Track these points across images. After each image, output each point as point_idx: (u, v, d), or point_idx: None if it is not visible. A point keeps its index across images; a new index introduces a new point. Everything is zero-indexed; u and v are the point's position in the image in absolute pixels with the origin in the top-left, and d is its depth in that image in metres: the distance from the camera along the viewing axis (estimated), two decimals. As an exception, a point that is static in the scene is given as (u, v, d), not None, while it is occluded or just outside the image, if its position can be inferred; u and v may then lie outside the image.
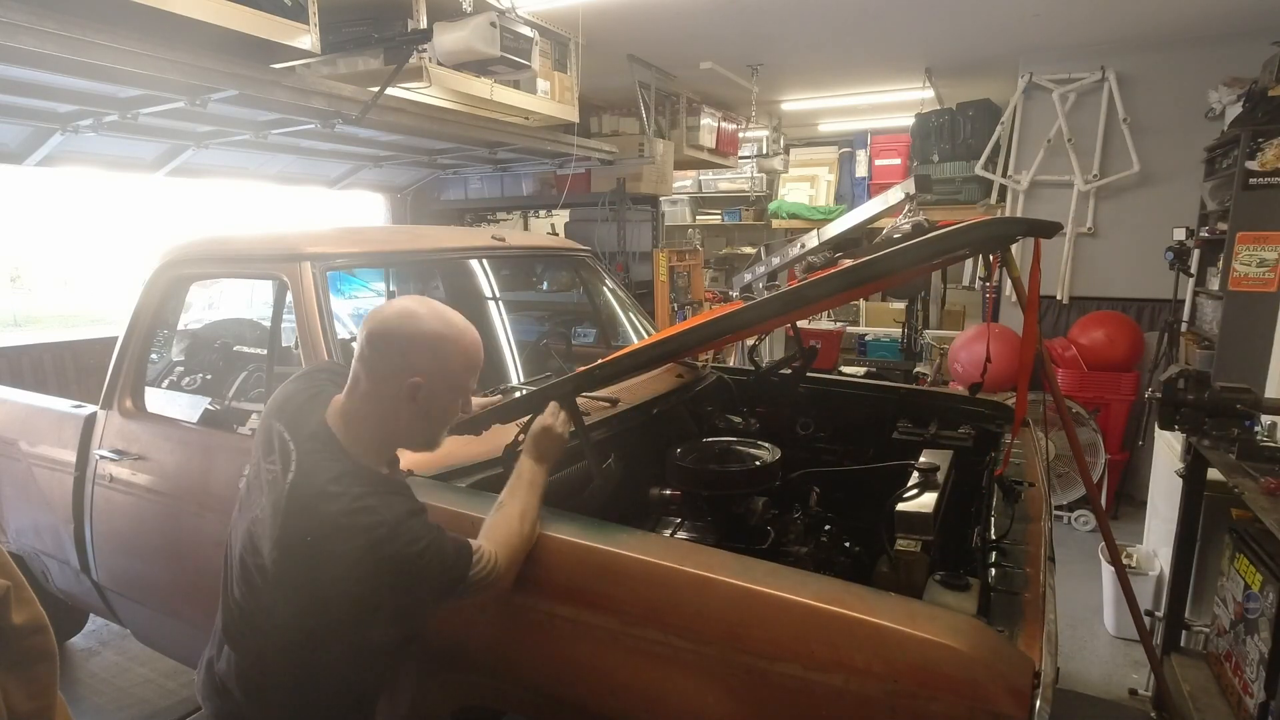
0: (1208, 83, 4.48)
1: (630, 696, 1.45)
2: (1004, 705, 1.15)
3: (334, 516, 1.29)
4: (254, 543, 1.38)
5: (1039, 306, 5.37)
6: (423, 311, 1.40)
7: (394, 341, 1.37)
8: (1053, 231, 1.58)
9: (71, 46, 2.31)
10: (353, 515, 1.29)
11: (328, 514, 1.29)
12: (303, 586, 1.33)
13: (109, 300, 10.43)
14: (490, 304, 3.07)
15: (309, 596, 1.33)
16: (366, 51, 3.13)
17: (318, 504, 1.31)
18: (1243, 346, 3.59)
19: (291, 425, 1.41)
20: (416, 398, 1.37)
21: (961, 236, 1.53)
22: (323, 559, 1.29)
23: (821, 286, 1.61)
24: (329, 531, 1.29)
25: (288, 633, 1.38)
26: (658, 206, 5.92)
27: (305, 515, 1.31)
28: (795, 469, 2.20)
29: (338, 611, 1.34)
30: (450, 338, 1.40)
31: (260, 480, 1.40)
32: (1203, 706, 2.36)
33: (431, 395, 1.39)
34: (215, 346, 3.04)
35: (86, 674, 3.18)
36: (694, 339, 1.83)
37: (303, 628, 1.37)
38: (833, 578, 1.41)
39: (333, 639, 1.38)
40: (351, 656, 1.42)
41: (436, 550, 1.33)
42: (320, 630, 1.37)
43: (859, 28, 4.47)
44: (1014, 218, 1.40)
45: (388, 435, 1.42)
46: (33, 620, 1.04)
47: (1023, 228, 1.62)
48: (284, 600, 1.36)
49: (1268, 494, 1.97)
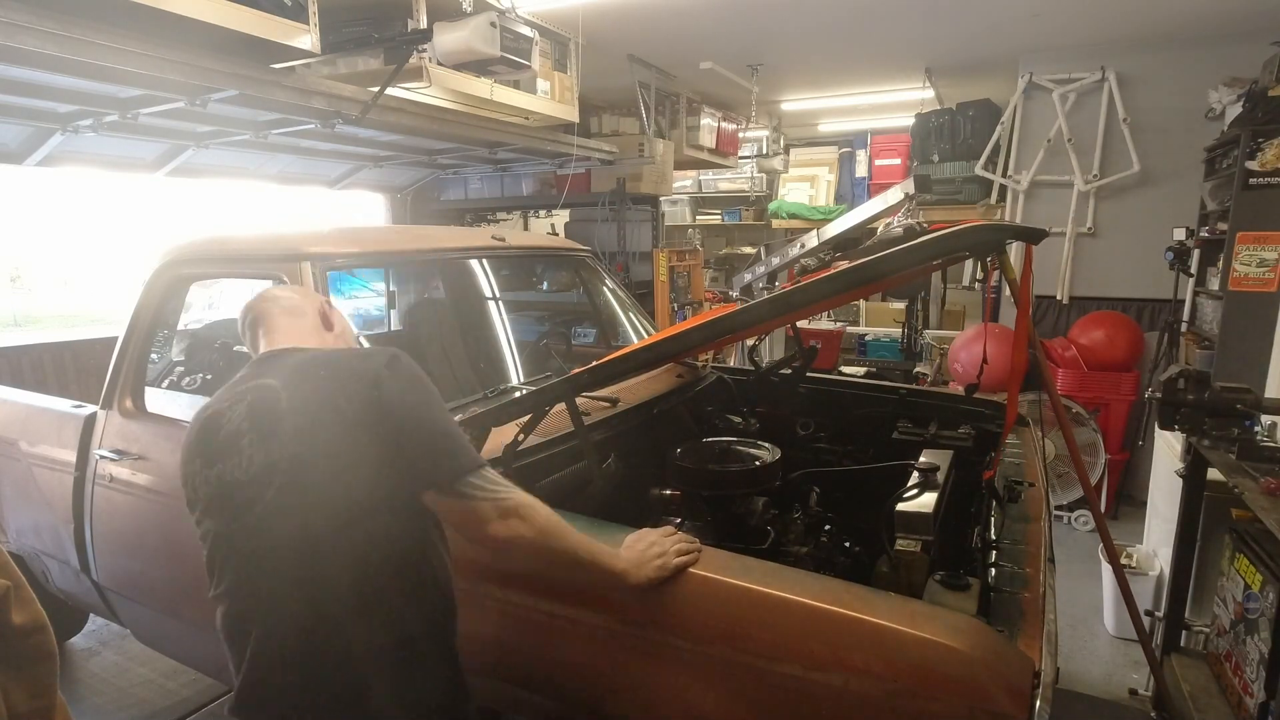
0: (1208, 83, 4.48)
1: (630, 696, 1.45)
2: (1004, 705, 1.15)
3: (340, 355, 1.36)
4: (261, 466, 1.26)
5: (1037, 307, 5.37)
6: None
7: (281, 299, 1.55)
8: (1039, 238, 1.59)
9: (71, 46, 2.31)
10: (360, 350, 1.36)
11: (332, 356, 1.35)
12: (329, 453, 1.23)
13: (109, 300, 10.43)
14: (490, 304, 3.06)
15: (340, 457, 1.23)
16: (366, 51, 3.13)
17: (320, 361, 1.34)
18: (1243, 346, 3.58)
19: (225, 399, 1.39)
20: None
21: (950, 242, 1.54)
22: (344, 394, 1.25)
23: (812, 291, 1.61)
24: (341, 360, 1.33)
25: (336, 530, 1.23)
26: (658, 206, 5.92)
27: (309, 374, 1.31)
28: (795, 469, 2.20)
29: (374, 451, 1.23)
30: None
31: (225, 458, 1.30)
32: (1203, 706, 2.35)
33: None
34: (215, 346, 3.03)
35: (86, 674, 3.18)
36: (693, 340, 1.83)
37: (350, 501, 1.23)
38: (833, 578, 1.41)
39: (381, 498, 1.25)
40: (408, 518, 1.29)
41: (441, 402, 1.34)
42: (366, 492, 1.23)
43: (859, 28, 4.47)
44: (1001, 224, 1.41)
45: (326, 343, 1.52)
46: (33, 620, 1.04)
47: (1009, 234, 1.63)
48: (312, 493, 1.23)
49: (1268, 494, 1.97)
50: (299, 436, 1.25)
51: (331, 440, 1.24)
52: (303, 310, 1.51)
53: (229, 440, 1.30)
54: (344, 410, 1.24)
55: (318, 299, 1.57)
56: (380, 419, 1.24)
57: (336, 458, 1.24)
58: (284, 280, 2.14)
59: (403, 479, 1.26)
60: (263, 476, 1.26)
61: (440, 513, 1.31)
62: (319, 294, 1.56)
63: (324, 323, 1.54)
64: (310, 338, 1.48)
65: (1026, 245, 1.61)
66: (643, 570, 1.37)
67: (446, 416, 1.31)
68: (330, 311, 1.57)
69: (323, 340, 1.50)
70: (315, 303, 1.55)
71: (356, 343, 1.57)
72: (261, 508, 1.26)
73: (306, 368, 1.33)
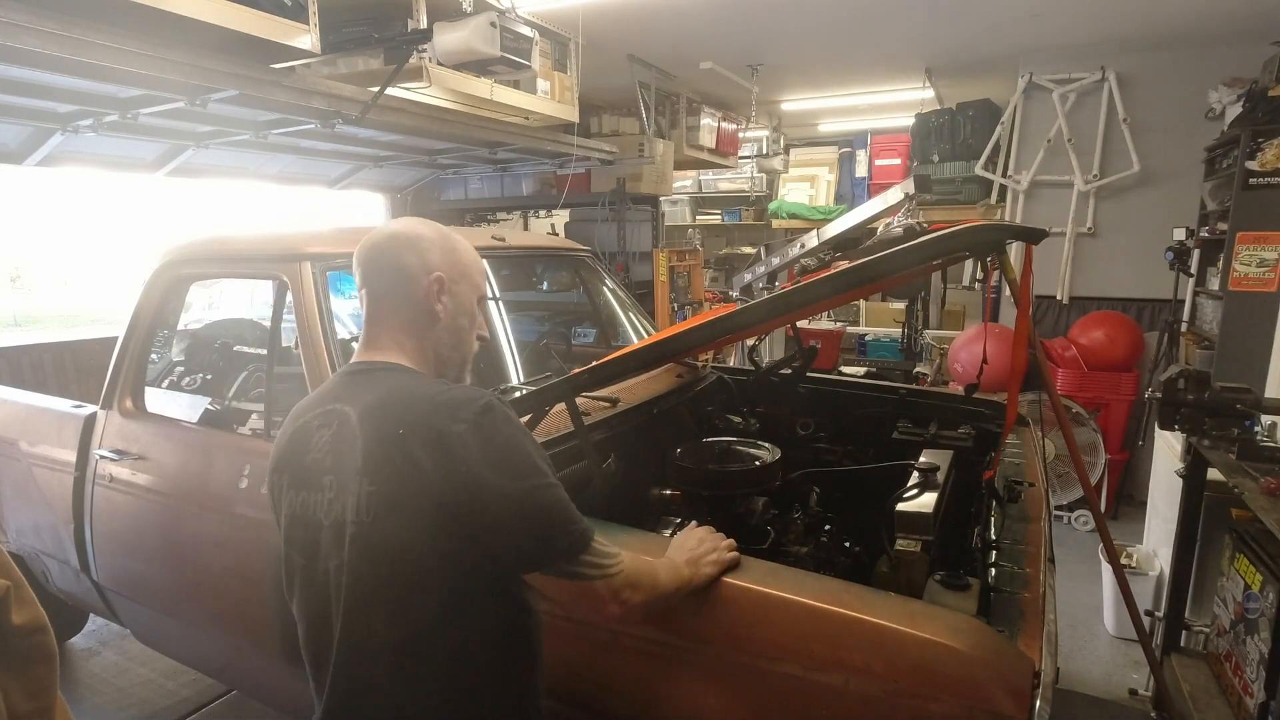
0: (1208, 83, 4.48)
1: (630, 696, 1.45)
2: (1004, 705, 1.15)
3: (427, 397, 1.14)
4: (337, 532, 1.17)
5: (1037, 308, 5.37)
6: (412, 220, 1.34)
7: (401, 248, 1.27)
8: (1039, 238, 1.59)
9: (71, 46, 2.31)
10: (447, 392, 1.14)
11: (418, 398, 1.15)
12: (405, 501, 1.10)
13: (109, 300, 10.43)
14: (490, 304, 3.06)
15: (415, 509, 1.10)
16: (366, 51, 3.13)
17: (400, 401, 1.16)
18: (1243, 346, 3.58)
19: (315, 407, 1.27)
20: (441, 298, 1.28)
21: (950, 242, 1.54)
22: (422, 446, 1.09)
23: (811, 291, 1.62)
24: (424, 411, 1.12)
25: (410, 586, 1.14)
26: (658, 206, 5.92)
27: (387, 416, 1.14)
28: (795, 469, 2.20)
29: (453, 513, 1.10)
30: (447, 233, 1.33)
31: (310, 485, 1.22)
32: (1203, 706, 2.35)
33: (454, 294, 1.30)
34: (215, 346, 3.04)
35: (86, 674, 3.18)
36: (692, 340, 1.83)
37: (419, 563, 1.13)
38: (833, 578, 1.41)
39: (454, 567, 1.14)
40: (486, 590, 1.17)
41: (545, 463, 1.16)
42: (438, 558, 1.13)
43: (859, 28, 4.47)
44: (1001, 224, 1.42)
45: (426, 358, 1.30)
46: (33, 620, 1.04)
47: (1009, 234, 1.63)
48: (393, 537, 1.12)
49: (1268, 494, 1.97)
50: (374, 504, 1.12)
51: (413, 521, 1.11)
52: (408, 299, 1.28)
53: (314, 470, 1.21)
54: (431, 484, 1.09)
55: (429, 275, 1.28)
56: (470, 499, 1.10)
57: (421, 540, 1.12)
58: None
59: (506, 563, 1.16)
60: (340, 532, 1.16)
61: (541, 584, 1.19)
62: (434, 266, 1.28)
63: (427, 315, 1.29)
64: (408, 340, 1.29)
65: (1026, 245, 1.61)
66: (700, 570, 1.37)
67: (548, 482, 1.14)
68: (440, 295, 1.29)
69: (421, 346, 1.29)
70: (423, 286, 1.27)
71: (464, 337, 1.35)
72: (338, 564, 1.16)
73: (388, 410, 1.16)
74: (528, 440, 1.17)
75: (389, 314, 1.29)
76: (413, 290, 1.27)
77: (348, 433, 1.18)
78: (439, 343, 1.31)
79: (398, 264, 1.27)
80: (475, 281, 1.35)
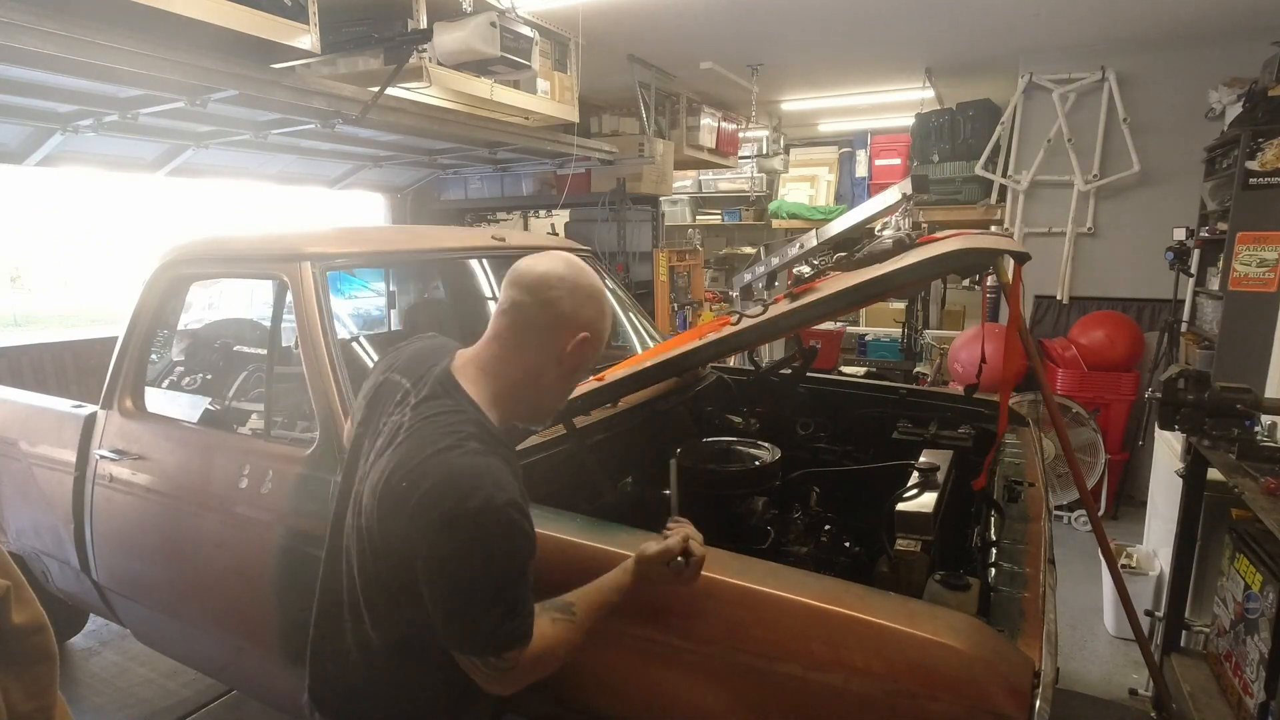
0: (1208, 83, 4.48)
1: (630, 696, 1.45)
2: (1004, 705, 1.15)
3: (450, 466, 1.15)
4: (358, 502, 1.28)
5: (1037, 307, 5.35)
6: (579, 263, 1.30)
7: (564, 294, 1.25)
8: (1024, 259, 1.61)
9: (71, 46, 2.31)
10: (471, 473, 1.14)
11: (445, 462, 1.15)
12: (391, 536, 1.19)
13: (109, 300, 10.43)
14: (490, 304, 3.07)
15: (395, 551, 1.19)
16: (366, 51, 3.12)
17: (432, 454, 1.17)
18: (1243, 346, 3.58)
19: (409, 373, 1.33)
20: (570, 357, 1.27)
21: (937, 266, 1.61)
22: (415, 504, 1.14)
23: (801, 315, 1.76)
24: (438, 478, 1.14)
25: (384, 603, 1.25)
26: (658, 206, 5.92)
27: (413, 456, 1.18)
28: (795, 469, 2.20)
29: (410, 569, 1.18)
30: (604, 290, 1.32)
31: (372, 435, 1.32)
32: (1203, 706, 2.35)
33: (583, 355, 1.29)
34: (215, 346, 3.04)
35: (86, 674, 3.18)
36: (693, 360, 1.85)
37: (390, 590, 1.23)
38: (833, 578, 1.41)
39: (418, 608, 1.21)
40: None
41: (506, 579, 1.16)
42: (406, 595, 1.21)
43: (859, 28, 4.47)
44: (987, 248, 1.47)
45: (520, 396, 1.30)
46: (33, 620, 1.04)
47: (994, 256, 1.65)
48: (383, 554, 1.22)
49: (1268, 494, 1.97)
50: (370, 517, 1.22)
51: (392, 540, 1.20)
52: (541, 346, 1.27)
53: (374, 431, 1.32)
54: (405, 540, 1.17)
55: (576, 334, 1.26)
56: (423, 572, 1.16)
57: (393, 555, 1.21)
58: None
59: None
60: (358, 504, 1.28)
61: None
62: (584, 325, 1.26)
63: (551, 364, 1.28)
64: (513, 372, 1.28)
65: (1016, 266, 1.63)
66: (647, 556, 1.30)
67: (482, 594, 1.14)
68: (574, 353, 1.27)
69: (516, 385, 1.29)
70: (563, 340, 1.26)
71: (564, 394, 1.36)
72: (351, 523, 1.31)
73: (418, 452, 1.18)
74: (505, 555, 1.15)
75: (513, 344, 1.28)
76: (553, 339, 1.26)
77: (393, 440, 1.24)
78: (539, 389, 1.31)
79: (555, 310, 1.25)
80: (601, 346, 1.33)
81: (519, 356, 1.28)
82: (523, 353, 1.28)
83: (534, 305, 1.25)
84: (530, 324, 1.26)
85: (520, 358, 1.28)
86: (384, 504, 1.19)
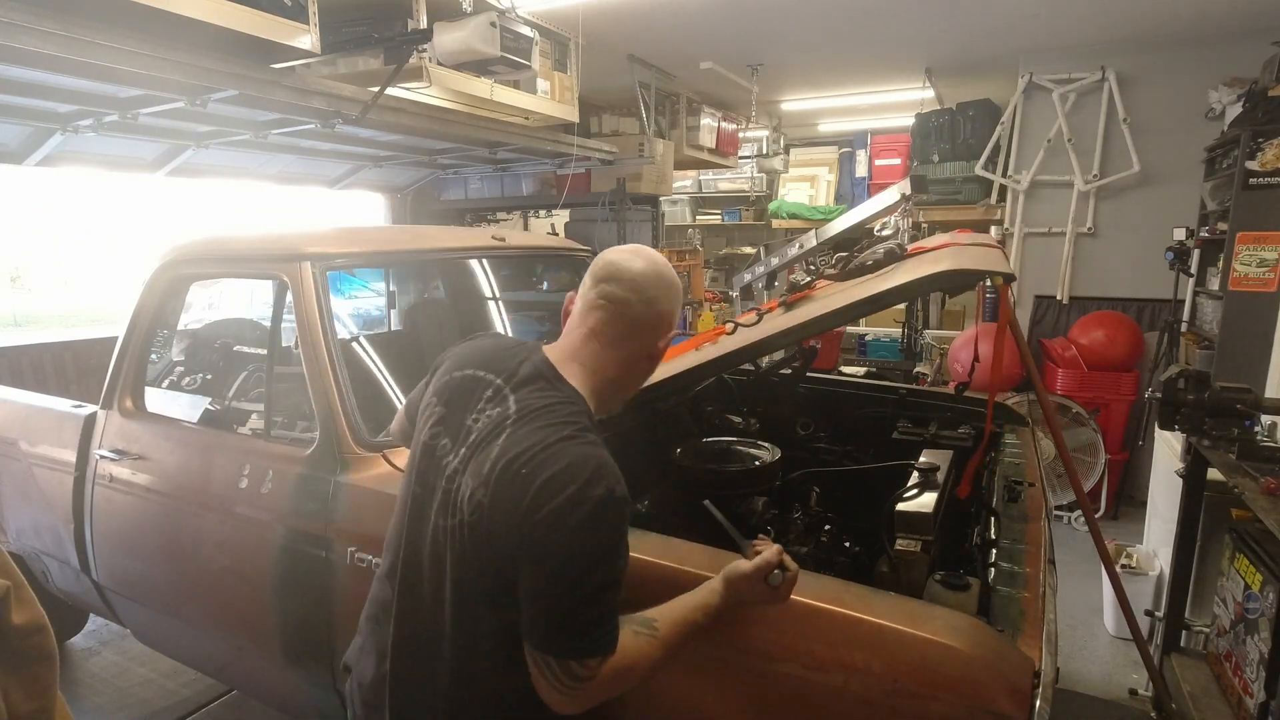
0: (1208, 83, 4.48)
1: (630, 696, 1.45)
2: (1004, 705, 1.15)
3: (569, 455, 1.13)
4: (451, 501, 1.22)
5: (1037, 307, 5.34)
6: (664, 260, 1.34)
7: (663, 293, 1.29)
8: (1010, 280, 1.63)
9: (71, 46, 2.31)
10: (586, 458, 1.13)
11: (563, 450, 1.13)
12: (503, 525, 1.13)
13: (109, 300, 10.42)
14: (490, 304, 3.07)
15: (503, 541, 1.14)
16: (366, 51, 3.12)
17: (547, 440, 1.15)
18: (1243, 346, 3.58)
19: (493, 369, 1.30)
20: (660, 352, 1.32)
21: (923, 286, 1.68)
22: (532, 491, 1.11)
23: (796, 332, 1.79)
24: (558, 467, 1.12)
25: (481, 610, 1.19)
26: (658, 206, 5.92)
27: (527, 447, 1.15)
28: (795, 469, 2.20)
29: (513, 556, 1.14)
30: (679, 283, 1.36)
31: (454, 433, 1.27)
32: (1203, 706, 2.36)
33: (665, 350, 1.35)
34: (215, 346, 3.04)
35: (86, 674, 3.18)
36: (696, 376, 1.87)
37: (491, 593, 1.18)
38: (833, 578, 1.41)
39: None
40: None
41: (609, 576, 1.12)
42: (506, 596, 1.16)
43: (859, 28, 4.47)
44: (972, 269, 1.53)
45: (611, 391, 1.32)
46: (33, 620, 1.04)
47: (983, 276, 1.67)
48: (484, 547, 1.17)
49: (1268, 494, 1.97)
50: (479, 513, 1.16)
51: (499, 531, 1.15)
52: (643, 345, 1.30)
53: (463, 431, 1.25)
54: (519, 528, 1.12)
55: (670, 331, 1.32)
56: (528, 557, 1.12)
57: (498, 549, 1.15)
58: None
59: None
60: (450, 501, 1.22)
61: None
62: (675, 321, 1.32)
63: (645, 360, 1.33)
64: (609, 369, 1.30)
65: (1002, 286, 1.63)
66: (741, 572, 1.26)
67: (583, 589, 1.11)
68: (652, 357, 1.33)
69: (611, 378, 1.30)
70: (660, 335, 1.31)
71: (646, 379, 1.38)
72: (443, 525, 1.22)
73: (531, 441, 1.16)
74: (614, 551, 1.13)
75: (611, 340, 1.29)
76: (652, 337, 1.30)
77: (497, 431, 1.20)
78: (624, 384, 1.34)
79: (657, 308, 1.29)
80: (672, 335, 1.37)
81: (615, 353, 1.30)
82: (620, 349, 1.30)
83: (639, 304, 1.28)
84: (634, 322, 1.28)
85: (616, 354, 1.30)
86: (499, 491, 1.14)
